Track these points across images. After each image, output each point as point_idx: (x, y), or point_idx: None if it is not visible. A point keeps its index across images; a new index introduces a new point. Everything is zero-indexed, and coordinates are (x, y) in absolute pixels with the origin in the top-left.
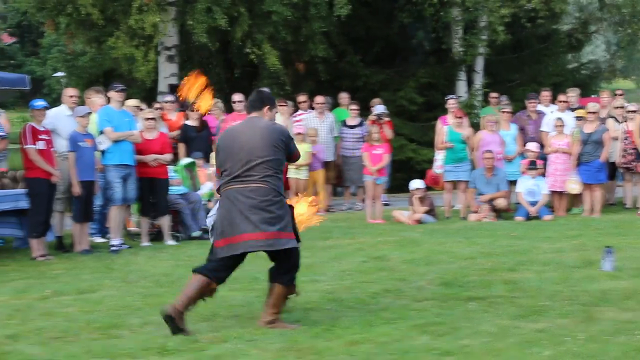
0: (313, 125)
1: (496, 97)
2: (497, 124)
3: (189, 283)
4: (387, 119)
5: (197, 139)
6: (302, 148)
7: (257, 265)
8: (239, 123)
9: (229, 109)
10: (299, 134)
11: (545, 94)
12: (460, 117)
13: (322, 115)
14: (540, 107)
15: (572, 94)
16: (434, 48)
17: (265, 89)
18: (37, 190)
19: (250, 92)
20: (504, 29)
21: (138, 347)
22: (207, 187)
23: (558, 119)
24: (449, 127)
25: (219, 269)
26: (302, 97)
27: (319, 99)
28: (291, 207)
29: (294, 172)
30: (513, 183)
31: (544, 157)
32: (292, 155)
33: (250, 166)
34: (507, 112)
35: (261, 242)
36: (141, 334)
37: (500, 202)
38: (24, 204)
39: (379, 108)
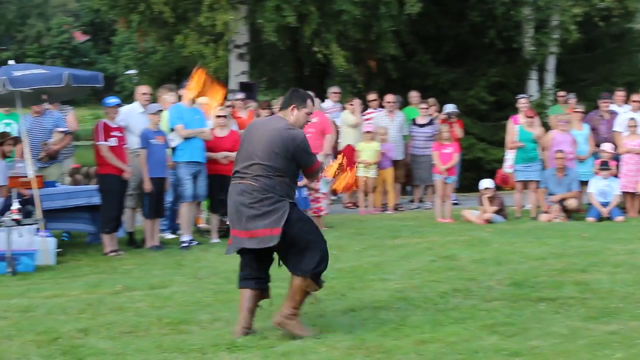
0: (383, 124)
1: (564, 96)
2: (569, 124)
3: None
4: (457, 118)
5: None
6: (372, 147)
7: None
8: (264, 119)
9: None
10: (368, 132)
11: (620, 94)
12: (531, 117)
13: (392, 114)
14: (613, 107)
15: None
16: (505, 47)
17: (302, 90)
18: (109, 187)
19: (320, 90)
20: (576, 28)
21: (207, 343)
22: None
23: (631, 119)
24: (520, 126)
25: (243, 270)
26: (372, 96)
27: (389, 97)
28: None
29: (362, 171)
30: (585, 183)
31: (616, 158)
32: (305, 167)
33: (249, 164)
34: (579, 111)
35: (247, 240)
36: (211, 330)
37: (572, 203)
38: (96, 200)
39: (449, 107)
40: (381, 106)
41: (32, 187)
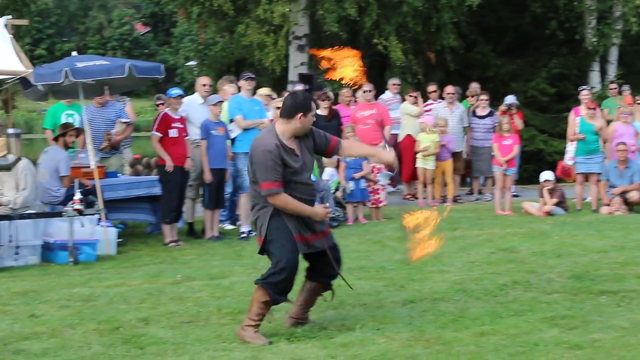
0: (443, 115)
1: (615, 88)
2: (631, 116)
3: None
4: (517, 109)
5: (327, 128)
6: (430, 138)
7: (384, 255)
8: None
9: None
10: (428, 124)
11: None
12: (593, 109)
13: (452, 106)
14: None
15: None
16: (566, 38)
17: (301, 93)
18: (169, 177)
19: (380, 82)
20: (638, 19)
21: (267, 333)
22: (327, 174)
23: None
24: (581, 118)
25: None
26: (432, 87)
27: (449, 89)
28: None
29: (421, 162)
30: None
31: None
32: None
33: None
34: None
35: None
36: (270, 320)
37: (633, 195)
38: (156, 190)
39: (509, 98)
40: (441, 97)
41: (94, 177)
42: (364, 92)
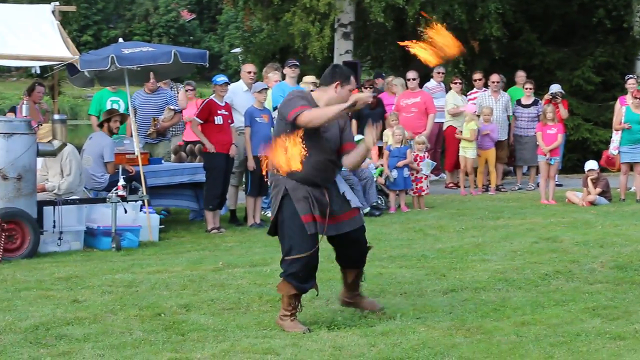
0: (487, 104)
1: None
2: None
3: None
4: (562, 98)
5: (371, 116)
6: (469, 126)
7: (426, 243)
8: None
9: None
10: (470, 112)
11: None
12: (639, 98)
13: (496, 94)
14: None
15: None
16: (613, 26)
17: (343, 65)
18: (214, 164)
19: (425, 70)
20: None
21: (307, 320)
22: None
23: None
24: (627, 107)
25: None
26: (477, 75)
27: (494, 77)
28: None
29: (462, 151)
30: None
31: None
32: (287, 117)
33: None
34: None
35: None
36: (310, 308)
37: None
38: (199, 177)
39: (554, 87)
40: (486, 86)
41: (138, 164)
42: (409, 80)
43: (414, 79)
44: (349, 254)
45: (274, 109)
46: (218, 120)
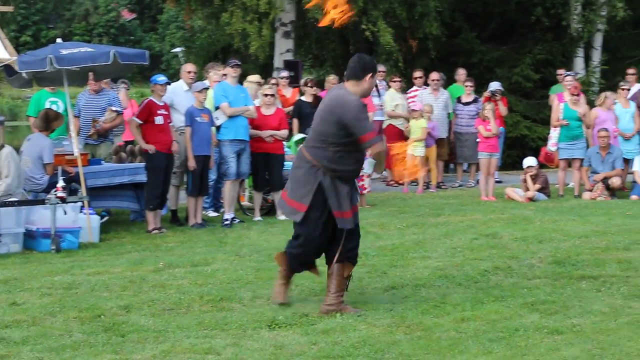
0: (427, 102)
1: (562, 74)
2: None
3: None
4: (501, 95)
5: (311, 115)
6: (418, 124)
7: (367, 241)
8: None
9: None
10: (414, 110)
11: None
12: (576, 95)
13: (436, 92)
14: None
15: None
16: (551, 24)
17: (366, 55)
18: (154, 164)
19: None
20: (624, 5)
21: (249, 320)
22: None
23: None
24: (565, 104)
25: None
26: (417, 73)
27: (434, 75)
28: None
29: (410, 148)
30: (630, 161)
31: None
32: (357, 136)
33: (310, 133)
34: (626, 89)
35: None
36: (252, 308)
37: (615, 181)
38: (140, 177)
39: (493, 85)
40: (426, 84)
41: (77, 165)
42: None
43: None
44: (352, 245)
45: (216, 108)
46: (158, 120)
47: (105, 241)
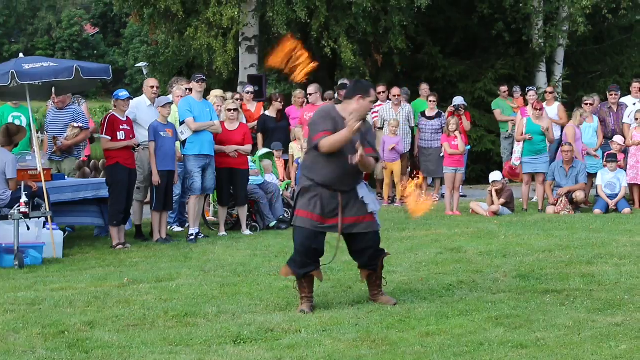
0: (389, 116)
1: (506, 91)
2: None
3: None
4: (465, 110)
5: (276, 130)
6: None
7: (332, 256)
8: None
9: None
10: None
11: (636, 85)
12: (539, 109)
13: (397, 107)
14: (628, 99)
15: None
16: (513, 39)
17: (364, 80)
18: (117, 179)
19: (330, 83)
20: (585, 20)
21: (213, 335)
22: (268, 177)
23: (639, 111)
24: (528, 118)
25: None
26: (380, 88)
27: (395, 90)
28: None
29: None
30: (593, 176)
31: (624, 150)
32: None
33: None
34: (589, 103)
35: None
36: (217, 323)
37: (579, 195)
38: (104, 192)
39: (457, 99)
40: (389, 99)
41: (40, 180)
42: (310, 94)
43: (314, 93)
44: (361, 254)
45: (181, 123)
46: (120, 135)
47: (69, 257)
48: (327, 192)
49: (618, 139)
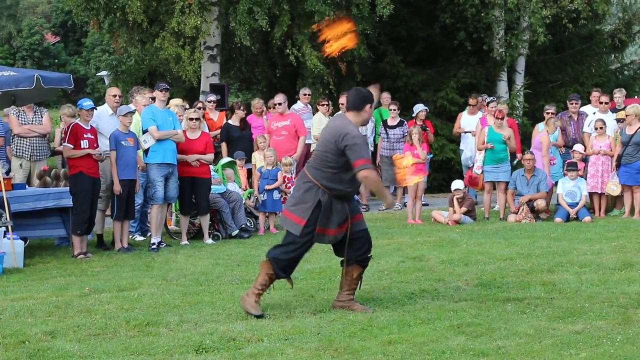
0: None
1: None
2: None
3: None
4: (426, 119)
5: (240, 139)
6: None
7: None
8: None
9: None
10: None
11: (595, 94)
12: (501, 118)
13: None
14: (588, 108)
15: (619, 95)
16: (475, 49)
17: (362, 88)
18: (81, 188)
19: (292, 92)
20: (545, 30)
21: (175, 344)
22: (230, 185)
23: (598, 120)
24: (489, 127)
25: None
26: (342, 98)
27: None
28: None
29: None
30: (554, 184)
31: (585, 159)
32: (351, 162)
33: (313, 155)
34: (551, 112)
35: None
36: (179, 332)
37: (540, 204)
38: (66, 201)
39: (418, 107)
40: None
41: (0, 189)
42: (276, 104)
43: (281, 103)
44: (359, 248)
45: (144, 131)
46: (84, 144)
47: (30, 266)
48: (339, 203)
49: (578, 147)
